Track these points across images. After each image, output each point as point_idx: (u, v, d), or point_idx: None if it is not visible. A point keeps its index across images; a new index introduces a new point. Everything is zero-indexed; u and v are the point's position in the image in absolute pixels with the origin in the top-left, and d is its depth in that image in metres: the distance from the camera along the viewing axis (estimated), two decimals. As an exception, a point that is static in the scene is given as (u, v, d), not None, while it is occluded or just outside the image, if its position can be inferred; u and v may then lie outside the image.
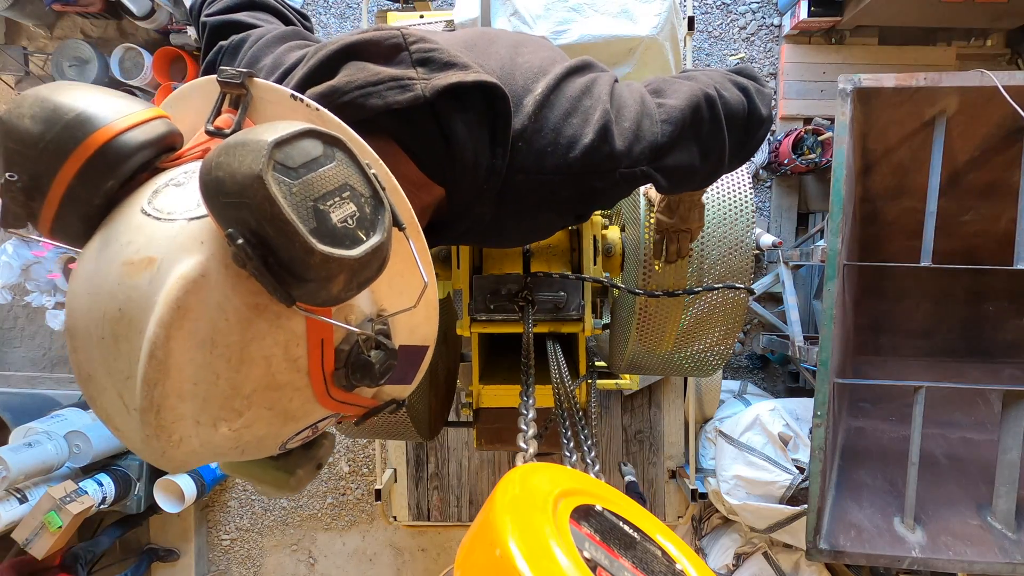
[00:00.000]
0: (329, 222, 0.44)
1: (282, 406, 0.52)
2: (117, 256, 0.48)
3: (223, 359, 0.47)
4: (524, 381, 0.99)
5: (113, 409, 0.51)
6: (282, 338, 0.49)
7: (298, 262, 0.43)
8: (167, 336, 0.44)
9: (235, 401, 0.49)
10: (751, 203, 1.48)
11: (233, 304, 0.47)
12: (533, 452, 0.76)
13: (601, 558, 0.47)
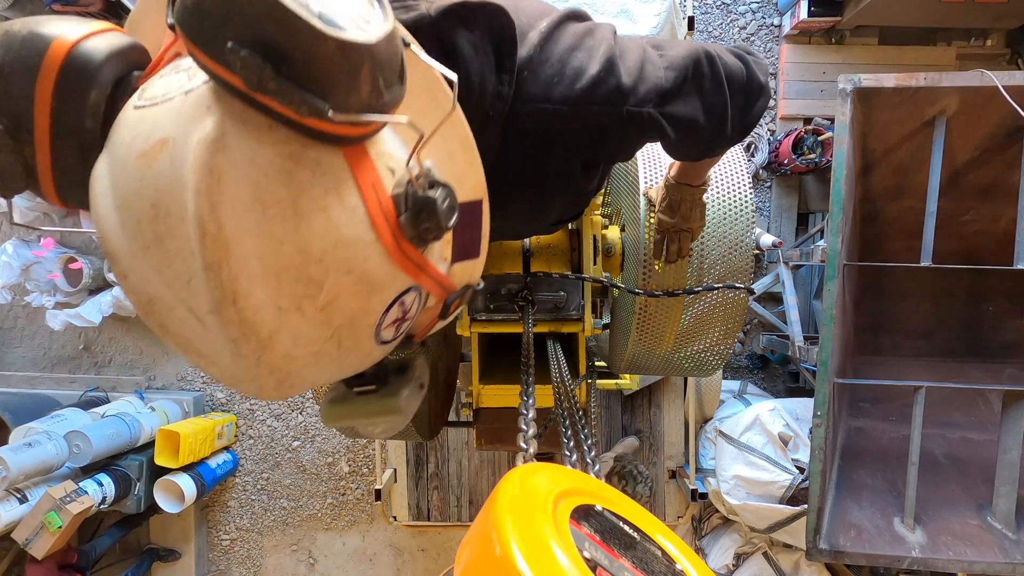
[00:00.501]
0: (331, 9, 0.39)
1: (360, 268, 0.46)
2: (127, 155, 0.43)
3: (278, 219, 0.42)
4: (524, 381, 0.99)
5: (190, 331, 0.45)
6: (331, 184, 0.44)
7: (313, 58, 0.38)
8: (211, 205, 0.40)
9: (309, 268, 0.44)
10: (751, 203, 1.48)
11: (266, 156, 0.42)
12: (533, 452, 0.76)
13: (601, 558, 0.47)
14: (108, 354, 3.91)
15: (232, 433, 3.80)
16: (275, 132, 0.42)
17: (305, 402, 3.82)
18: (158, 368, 3.88)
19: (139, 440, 3.26)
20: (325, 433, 3.80)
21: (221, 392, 3.84)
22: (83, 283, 3.52)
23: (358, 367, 0.56)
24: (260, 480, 3.86)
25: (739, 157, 1.57)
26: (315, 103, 0.39)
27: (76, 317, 3.52)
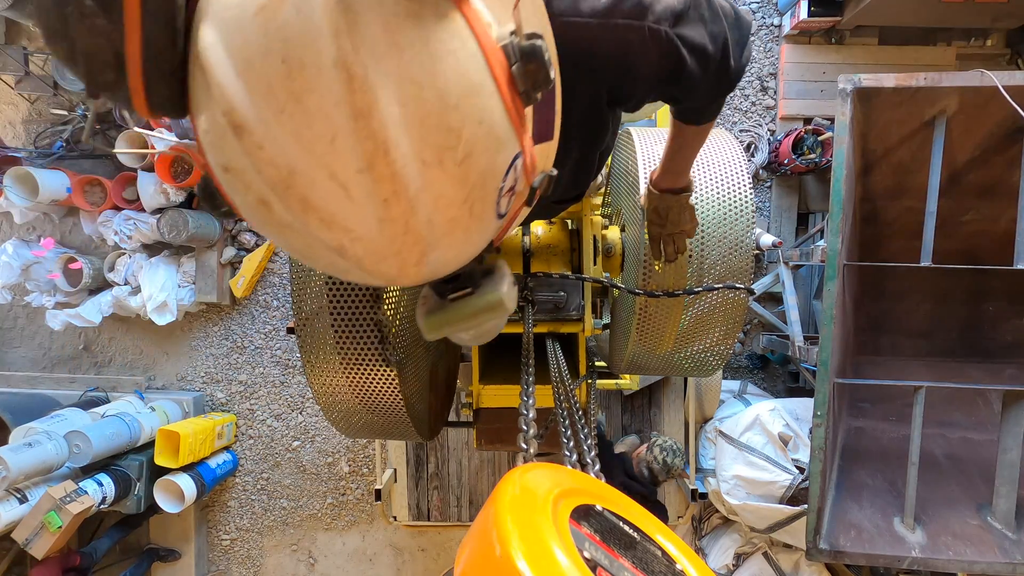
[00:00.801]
0: None
1: (489, 119, 0.46)
2: (242, 14, 0.40)
3: (416, 62, 0.41)
4: (524, 381, 0.99)
5: (334, 202, 0.42)
6: (454, 29, 0.43)
7: None
8: (353, 46, 0.39)
9: (448, 115, 0.43)
10: (751, 203, 1.48)
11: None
12: (533, 452, 0.76)
13: (601, 558, 0.47)
14: (108, 354, 3.91)
15: (232, 433, 3.80)
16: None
17: (305, 402, 3.82)
18: (158, 368, 3.89)
19: (139, 440, 3.26)
20: (325, 433, 3.81)
21: (221, 392, 3.84)
22: (83, 283, 3.52)
23: (479, 246, 0.55)
24: (260, 480, 3.86)
25: (739, 157, 1.57)
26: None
27: (76, 317, 3.52)
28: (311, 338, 1.28)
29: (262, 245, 3.74)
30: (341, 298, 1.24)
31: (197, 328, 3.85)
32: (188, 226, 3.38)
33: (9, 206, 3.55)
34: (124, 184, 3.56)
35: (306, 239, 0.46)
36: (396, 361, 1.29)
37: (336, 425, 1.53)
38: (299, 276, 1.24)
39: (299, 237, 0.46)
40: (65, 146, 3.66)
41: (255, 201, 0.45)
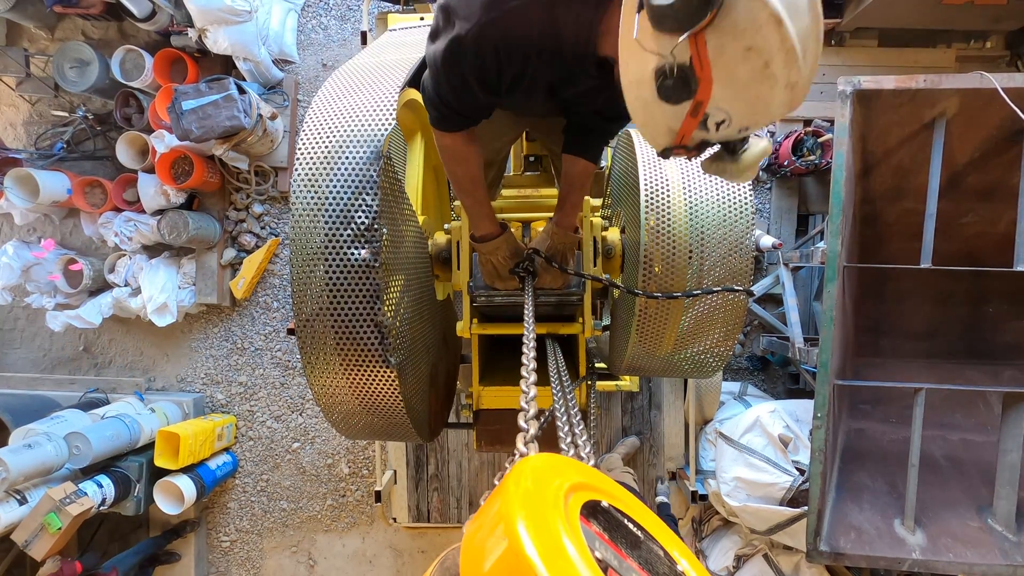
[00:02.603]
0: None
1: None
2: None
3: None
4: (524, 382, 0.99)
5: (795, 70, 0.74)
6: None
7: None
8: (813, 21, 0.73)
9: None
10: (750, 205, 1.48)
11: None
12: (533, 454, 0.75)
13: (611, 558, 0.47)
14: (108, 355, 3.91)
15: (232, 434, 3.79)
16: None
17: (305, 404, 3.82)
18: (158, 369, 3.88)
19: (139, 441, 3.26)
20: (325, 435, 3.80)
21: (221, 394, 3.84)
22: (83, 284, 3.52)
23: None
24: (260, 482, 3.86)
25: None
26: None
27: (76, 318, 3.52)
28: (311, 339, 1.28)
29: (262, 247, 3.74)
30: (342, 299, 1.24)
31: (197, 329, 3.85)
32: (188, 228, 3.38)
33: (10, 207, 3.55)
34: (124, 185, 3.56)
35: (772, 82, 0.74)
36: (396, 362, 1.29)
37: (336, 426, 1.53)
38: (300, 277, 1.24)
39: (766, 81, 0.74)
40: (66, 147, 3.66)
41: (759, 63, 0.73)
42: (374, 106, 1.28)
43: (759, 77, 0.73)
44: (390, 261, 1.26)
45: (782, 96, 0.75)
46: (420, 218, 1.59)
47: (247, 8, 3.26)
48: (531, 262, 1.40)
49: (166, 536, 3.58)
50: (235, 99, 3.06)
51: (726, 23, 0.71)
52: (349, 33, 3.83)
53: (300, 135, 1.27)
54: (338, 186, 1.21)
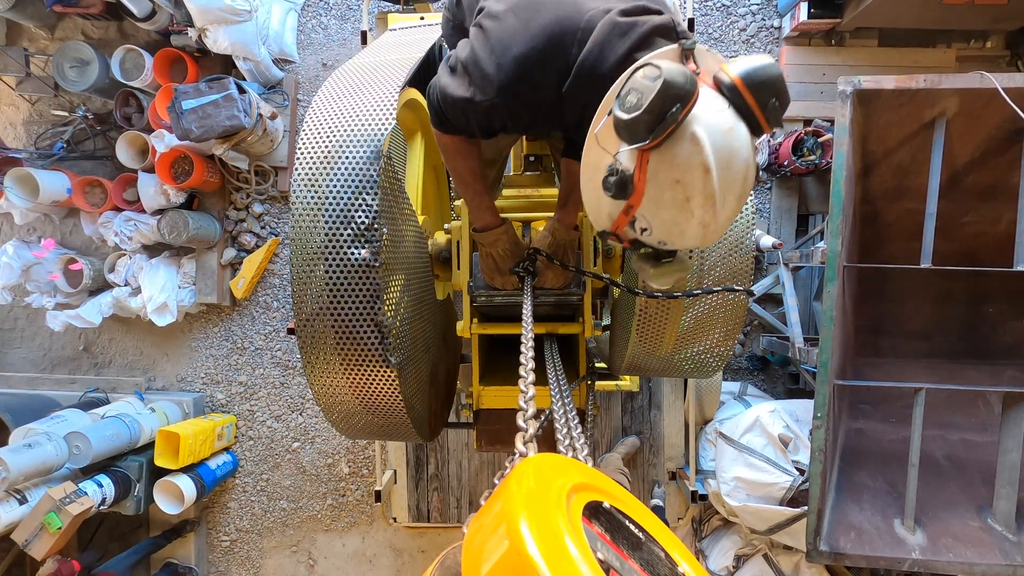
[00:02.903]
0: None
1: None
2: (720, 129, 0.85)
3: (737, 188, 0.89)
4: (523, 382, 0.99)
5: (711, 210, 0.87)
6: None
7: (786, 104, 0.90)
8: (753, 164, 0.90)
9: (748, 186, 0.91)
10: (751, 205, 1.48)
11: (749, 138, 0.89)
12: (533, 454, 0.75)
13: (613, 559, 0.47)
14: (108, 355, 3.91)
15: (232, 434, 3.79)
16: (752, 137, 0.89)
17: (305, 403, 3.82)
18: (158, 369, 3.88)
19: (139, 441, 3.26)
20: (325, 434, 3.80)
21: (221, 393, 3.84)
22: (83, 284, 3.52)
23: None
24: (260, 481, 3.86)
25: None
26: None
27: (76, 318, 3.52)
28: (312, 339, 1.28)
29: (262, 246, 3.74)
30: (342, 299, 1.24)
31: (197, 329, 3.85)
32: (188, 227, 3.38)
33: (10, 207, 3.55)
34: (124, 185, 3.56)
35: (687, 216, 0.88)
36: (396, 362, 1.29)
37: (336, 426, 1.53)
38: (300, 277, 1.24)
39: (683, 213, 0.88)
40: (66, 147, 3.66)
41: (681, 196, 0.87)
42: (374, 106, 1.28)
43: (679, 207, 0.87)
44: (390, 261, 1.26)
45: (695, 230, 0.89)
46: (420, 218, 1.59)
47: (247, 8, 3.26)
48: (532, 261, 1.40)
49: (166, 535, 3.58)
50: (235, 99, 3.06)
51: (667, 153, 0.84)
52: (349, 33, 3.83)
53: (300, 135, 1.27)
54: (338, 186, 1.21)
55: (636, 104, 0.81)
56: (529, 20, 1.04)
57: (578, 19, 1.02)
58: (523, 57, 1.04)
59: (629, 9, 1.01)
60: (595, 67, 1.01)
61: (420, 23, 2.14)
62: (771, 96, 0.85)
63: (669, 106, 0.80)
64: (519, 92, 1.08)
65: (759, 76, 0.84)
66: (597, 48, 1.00)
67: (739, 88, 0.85)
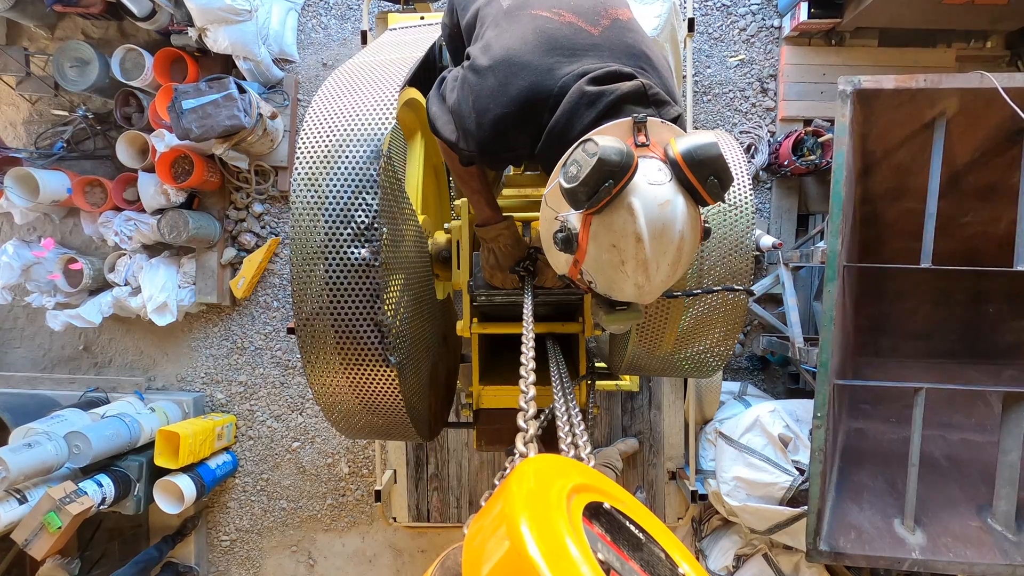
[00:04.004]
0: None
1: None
2: (655, 201, 0.91)
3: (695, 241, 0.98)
4: (524, 382, 0.99)
5: (643, 274, 0.93)
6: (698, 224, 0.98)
7: (728, 182, 0.94)
8: (689, 235, 0.95)
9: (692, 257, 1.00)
10: (751, 204, 1.48)
11: (694, 212, 0.96)
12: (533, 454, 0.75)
13: (613, 560, 0.47)
14: (108, 355, 3.91)
15: (232, 434, 3.79)
16: (695, 208, 0.96)
17: (305, 403, 3.82)
18: (158, 369, 3.88)
19: (139, 441, 3.26)
20: (325, 434, 3.80)
21: (221, 393, 3.84)
22: (83, 284, 3.52)
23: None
24: (260, 481, 3.86)
25: (739, 158, 1.57)
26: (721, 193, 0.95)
27: (76, 318, 3.52)
28: (311, 338, 1.28)
29: (262, 246, 3.74)
30: (341, 298, 1.24)
31: (197, 329, 3.85)
32: (188, 227, 3.38)
33: (10, 207, 3.55)
34: (124, 185, 3.56)
35: (623, 276, 0.95)
36: (396, 362, 1.29)
37: (336, 426, 1.53)
38: (300, 277, 1.24)
39: (619, 273, 0.95)
40: (66, 147, 3.66)
41: (617, 259, 0.94)
42: (374, 105, 1.28)
43: (615, 268, 0.95)
44: (390, 260, 1.26)
45: (631, 289, 0.96)
46: (420, 217, 1.59)
47: (247, 7, 3.26)
48: (532, 261, 1.40)
49: (167, 541, 3.56)
50: (235, 98, 3.06)
51: (605, 219, 0.91)
52: (349, 32, 3.83)
53: (300, 134, 1.27)
54: (338, 185, 1.21)
55: (575, 176, 0.88)
56: (507, 83, 1.09)
57: (552, 85, 1.07)
58: (499, 120, 1.10)
59: (600, 76, 1.05)
60: (563, 134, 1.06)
61: (420, 23, 2.14)
62: (710, 173, 0.91)
63: (603, 181, 0.86)
64: (496, 150, 1.17)
65: (699, 155, 0.91)
66: (565, 116, 1.06)
67: (680, 164, 0.91)
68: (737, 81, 3.63)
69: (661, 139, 0.98)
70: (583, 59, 1.07)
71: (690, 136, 0.94)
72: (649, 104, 1.05)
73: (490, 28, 1.17)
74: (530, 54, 1.08)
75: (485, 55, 1.12)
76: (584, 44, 1.09)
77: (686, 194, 0.93)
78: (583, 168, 0.87)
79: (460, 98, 1.16)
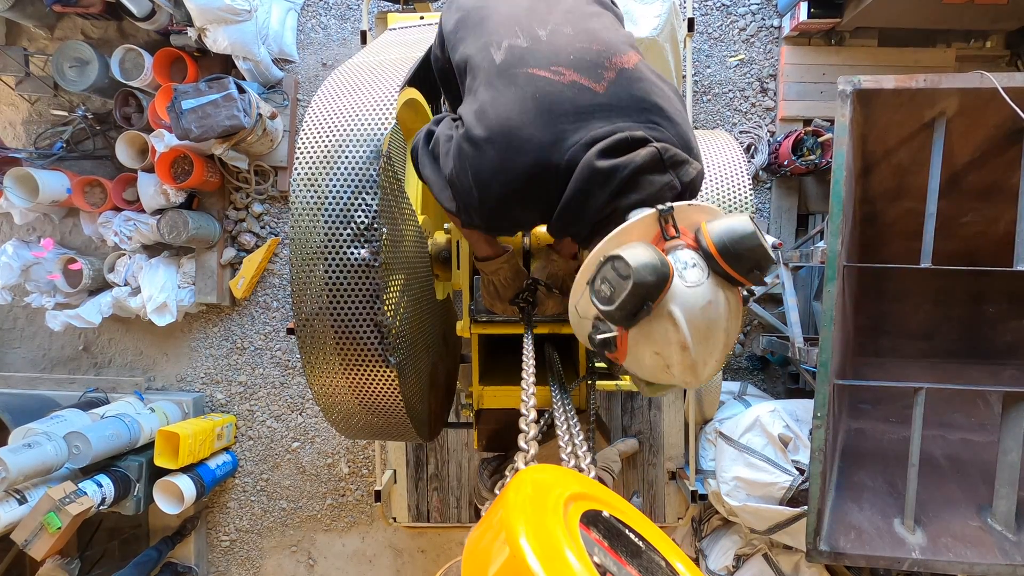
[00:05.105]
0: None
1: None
2: (697, 304, 0.86)
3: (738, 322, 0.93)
4: (524, 382, 0.99)
5: (689, 371, 0.89)
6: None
7: (766, 270, 0.88)
8: (733, 328, 0.92)
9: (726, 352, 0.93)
10: (750, 204, 1.48)
11: (736, 298, 0.91)
12: (534, 453, 0.76)
13: (610, 564, 0.47)
14: (108, 355, 3.91)
15: (232, 434, 3.79)
16: (735, 289, 0.90)
17: (305, 403, 3.82)
18: (158, 369, 3.88)
19: (139, 441, 3.26)
20: (325, 434, 3.80)
21: (221, 393, 3.84)
22: (83, 284, 3.52)
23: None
24: (260, 481, 3.85)
25: (739, 158, 1.57)
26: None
27: (76, 318, 3.52)
28: (311, 339, 1.28)
29: (262, 246, 3.74)
30: (341, 299, 1.24)
31: (197, 329, 3.84)
32: (188, 227, 3.38)
33: (9, 207, 3.55)
34: (124, 185, 3.56)
35: (669, 376, 0.92)
36: (396, 362, 1.29)
37: (336, 426, 1.53)
38: (300, 277, 1.24)
39: (665, 374, 0.91)
40: (65, 147, 3.66)
41: (661, 364, 0.90)
42: (374, 105, 1.28)
43: (660, 369, 0.91)
44: (390, 260, 1.26)
45: (678, 383, 0.94)
46: (420, 217, 1.59)
47: (247, 7, 3.26)
48: (531, 292, 1.39)
49: (166, 541, 3.56)
50: (235, 98, 3.06)
51: (644, 329, 0.87)
52: (349, 32, 3.83)
53: (300, 134, 1.27)
54: (338, 185, 1.21)
55: (609, 298, 0.83)
56: (509, 159, 0.99)
57: (558, 160, 0.98)
58: (505, 199, 1.03)
59: (610, 146, 0.96)
60: (577, 213, 1.00)
61: (420, 23, 2.14)
62: (751, 267, 0.86)
63: (640, 304, 0.81)
64: (502, 224, 1.12)
65: (737, 248, 0.85)
66: (579, 196, 0.98)
67: (717, 260, 0.86)
68: (737, 81, 3.63)
69: (691, 223, 0.91)
70: (589, 122, 0.98)
71: (723, 221, 0.87)
72: (666, 169, 0.97)
73: (483, 87, 1.05)
74: (531, 125, 0.98)
75: (481, 124, 1.02)
76: (589, 105, 0.99)
77: (726, 285, 0.87)
78: (617, 291, 0.81)
79: (457, 170, 1.05)
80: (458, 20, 1.20)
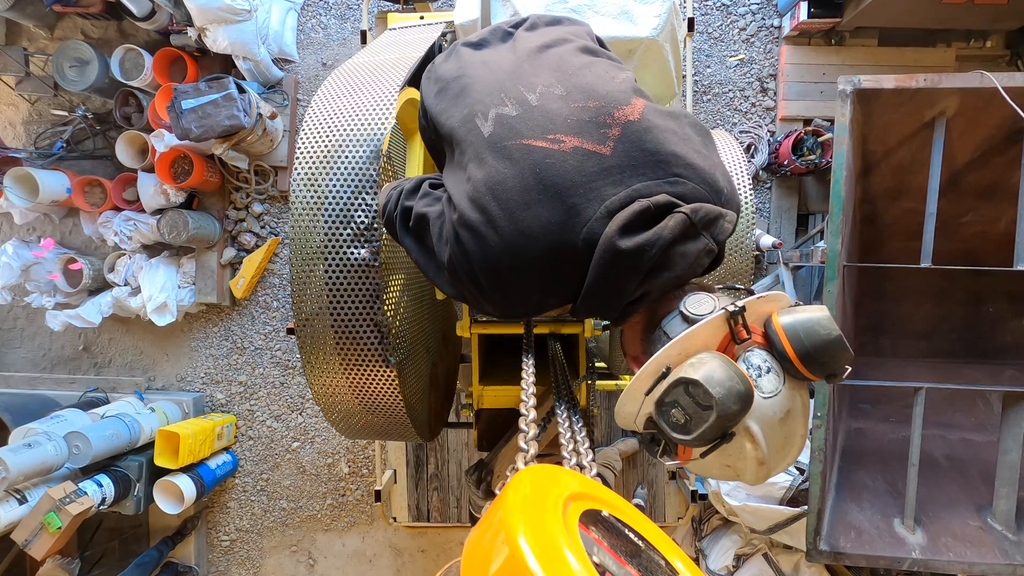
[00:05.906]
0: None
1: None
2: (774, 419, 0.79)
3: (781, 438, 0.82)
4: (524, 382, 0.99)
5: (761, 471, 0.82)
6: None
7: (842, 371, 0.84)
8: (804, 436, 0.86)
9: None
10: (751, 204, 1.48)
11: (806, 397, 0.85)
12: (534, 453, 0.76)
13: (609, 563, 0.47)
14: (108, 355, 3.91)
15: (232, 434, 3.79)
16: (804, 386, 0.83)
17: (305, 403, 3.82)
18: (158, 369, 3.88)
19: (139, 441, 3.26)
20: (325, 434, 3.80)
21: (221, 393, 3.84)
22: (83, 284, 3.52)
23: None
24: (260, 481, 3.85)
25: (739, 158, 1.57)
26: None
27: (76, 318, 3.52)
28: (311, 339, 1.28)
29: (262, 246, 3.74)
30: (341, 299, 1.24)
31: (197, 329, 3.84)
32: (188, 227, 3.38)
33: (9, 207, 3.55)
34: (124, 185, 3.56)
35: (735, 481, 1.00)
36: (396, 362, 1.29)
37: (336, 426, 1.53)
38: (300, 277, 1.24)
39: (732, 480, 0.86)
40: (65, 147, 3.66)
41: (731, 474, 0.83)
42: (374, 105, 1.28)
43: (728, 476, 0.84)
44: (390, 260, 1.26)
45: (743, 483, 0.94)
46: (420, 217, 1.59)
47: (247, 7, 3.26)
48: None
49: (167, 541, 3.56)
50: (235, 98, 3.06)
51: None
52: (349, 32, 3.83)
53: (300, 134, 1.27)
54: (338, 185, 1.21)
55: (684, 427, 0.73)
56: (517, 245, 0.86)
57: (574, 240, 0.85)
58: (520, 290, 0.91)
59: (631, 220, 0.83)
60: (605, 299, 0.88)
61: (420, 23, 2.14)
62: (832, 372, 0.80)
63: (724, 432, 0.73)
64: (516, 312, 0.98)
65: (821, 355, 0.78)
66: (606, 281, 0.86)
67: (797, 366, 0.78)
68: (737, 81, 3.63)
69: (759, 314, 0.82)
70: (602, 190, 0.86)
71: (799, 318, 0.79)
72: (699, 234, 0.86)
73: (474, 163, 0.92)
74: (537, 204, 0.86)
75: (476, 207, 0.88)
76: (598, 171, 0.87)
77: (800, 385, 0.80)
78: (695, 421, 0.72)
79: (456, 258, 0.91)
80: (438, 92, 1.07)
